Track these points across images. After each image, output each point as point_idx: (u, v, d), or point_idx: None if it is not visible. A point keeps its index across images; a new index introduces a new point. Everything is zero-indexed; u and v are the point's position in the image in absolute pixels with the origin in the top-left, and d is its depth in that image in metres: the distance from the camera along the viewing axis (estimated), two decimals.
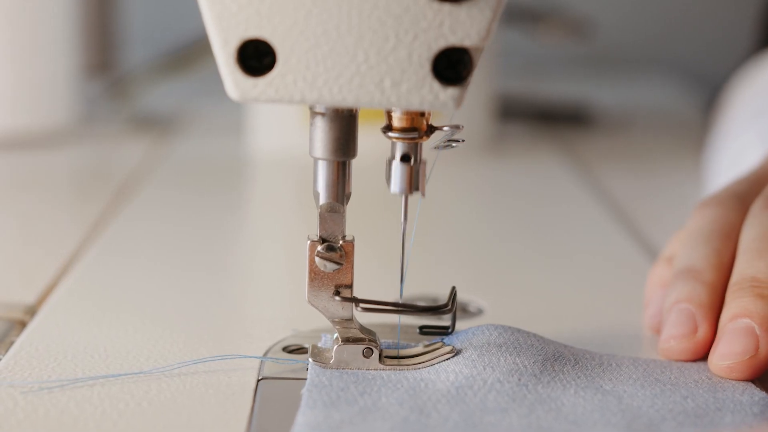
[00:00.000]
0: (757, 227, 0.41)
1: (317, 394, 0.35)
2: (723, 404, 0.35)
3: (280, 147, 0.73)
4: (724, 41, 1.15)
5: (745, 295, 0.38)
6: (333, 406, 0.34)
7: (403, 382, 0.36)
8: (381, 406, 0.34)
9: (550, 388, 0.35)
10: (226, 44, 0.33)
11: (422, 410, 0.34)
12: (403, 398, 0.35)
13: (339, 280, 0.37)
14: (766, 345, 0.37)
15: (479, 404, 0.34)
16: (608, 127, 0.88)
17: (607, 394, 0.35)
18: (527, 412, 0.34)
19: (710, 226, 0.43)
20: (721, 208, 0.43)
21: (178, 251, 0.54)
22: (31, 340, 0.40)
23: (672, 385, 0.36)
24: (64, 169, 0.73)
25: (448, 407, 0.34)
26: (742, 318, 0.37)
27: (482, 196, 0.71)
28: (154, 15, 1.15)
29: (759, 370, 0.37)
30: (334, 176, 0.36)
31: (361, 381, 0.36)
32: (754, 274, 0.39)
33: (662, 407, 0.35)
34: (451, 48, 0.33)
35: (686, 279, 0.41)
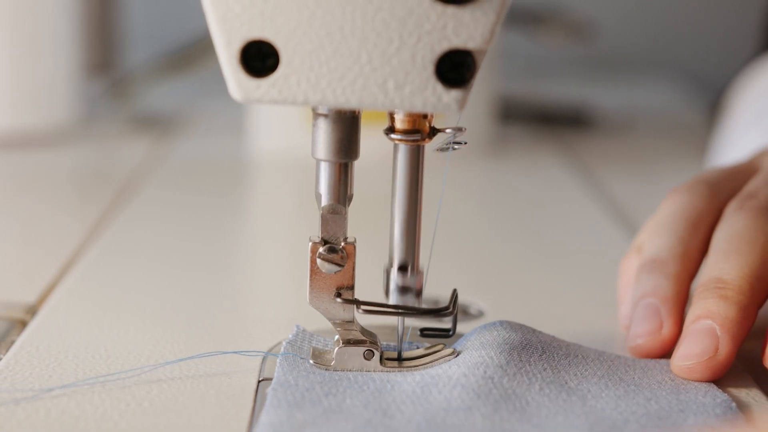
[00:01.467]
0: (728, 228, 0.40)
1: (282, 394, 0.34)
2: (686, 406, 0.35)
3: (282, 147, 0.73)
4: (725, 44, 1.16)
5: (709, 297, 0.38)
6: (297, 406, 0.34)
7: (370, 383, 0.36)
8: (345, 408, 0.34)
9: (515, 382, 0.35)
10: (230, 45, 0.33)
11: (386, 412, 0.34)
12: (368, 400, 0.34)
13: (340, 281, 0.37)
14: (726, 346, 0.37)
15: (443, 403, 0.34)
16: (609, 129, 0.88)
17: (571, 393, 0.35)
18: (491, 411, 0.34)
19: (676, 214, 0.43)
20: (689, 195, 0.43)
21: (179, 251, 0.54)
22: (31, 339, 0.40)
23: (636, 386, 0.36)
24: (65, 168, 0.73)
25: (412, 408, 0.34)
26: (704, 319, 0.38)
27: (483, 197, 0.71)
28: (155, 14, 1.15)
29: (718, 371, 0.37)
30: (336, 178, 0.36)
31: (328, 381, 0.36)
32: (719, 276, 0.39)
33: (625, 409, 0.35)
34: (454, 50, 0.33)
35: (650, 271, 0.41)
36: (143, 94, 0.89)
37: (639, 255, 0.44)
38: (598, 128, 0.88)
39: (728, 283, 0.38)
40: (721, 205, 0.43)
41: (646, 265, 0.41)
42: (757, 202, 0.41)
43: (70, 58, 0.79)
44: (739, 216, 0.40)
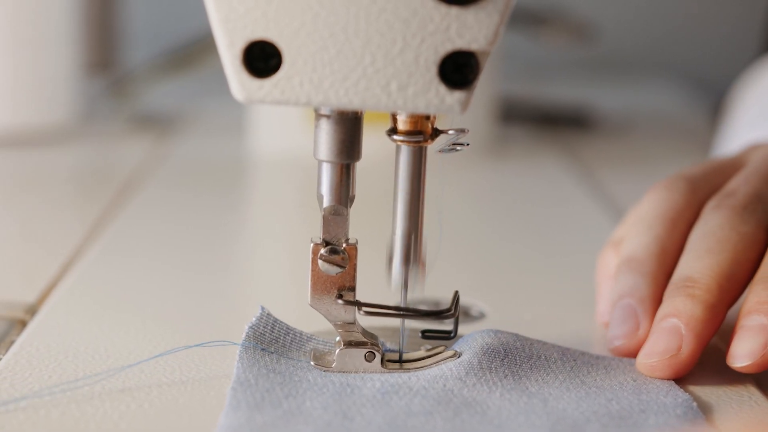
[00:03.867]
0: (703, 226, 0.40)
1: (242, 395, 0.34)
2: (647, 406, 0.35)
3: (283, 147, 0.73)
4: (727, 46, 1.15)
5: (678, 295, 0.38)
6: (257, 408, 0.33)
7: (329, 386, 0.35)
8: (305, 410, 0.34)
9: (476, 391, 0.35)
10: (232, 45, 0.33)
11: (346, 414, 0.33)
12: (327, 402, 0.34)
13: (342, 283, 0.37)
14: (689, 345, 0.37)
15: (404, 408, 0.34)
16: (610, 130, 0.88)
17: (532, 396, 0.35)
18: (452, 415, 0.34)
19: (654, 211, 0.43)
20: (668, 191, 0.43)
21: (179, 251, 0.54)
22: (31, 339, 0.40)
23: (597, 387, 0.36)
24: (65, 167, 0.73)
25: (372, 411, 0.34)
26: (670, 318, 0.38)
27: (484, 198, 0.70)
28: (156, 13, 1.15)
29: (681, 369, 0.37)
30: (338, 179, 0.36)
31: (288, 383, 0.35)
32: (689, 274, 0.39)
33: (587, 409, 0.35)
34: (458, 51, 0.33)
35: (628, 271, 0.41)
36: (144, 93, 0.89)
37: (616, 249, 0.44)
38: (599, 130, 0.88)
39: (697, 281, 0.38)
40: (701, 201, 0.43)
41: (623, 264, 0.42)
42: (735, 201, 0.41)
43: (71, 56, 0.79)
44: (715, 214, 0.40)
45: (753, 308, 0.37)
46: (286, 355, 0.37)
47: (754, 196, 0.41)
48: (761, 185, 0.41)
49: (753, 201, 0.40)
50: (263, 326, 0.38)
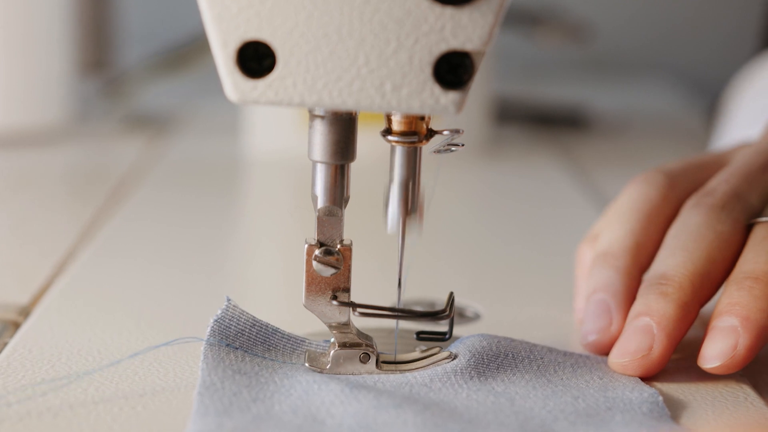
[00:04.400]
0: (681, 224, 0.40)
1: (209, 399, 0.34)
2: (613, 403, 0.35)
3: (277, 148, 0.73)
4: (723, 46, 1.15)
5: (651, 293, 0.38)
6: (225, 413, 0.33)
7: (296, 386, 0.35)
8: (274, 414, 0.33)
9: (441, 394, 0.35)
10: (226, 46, 0.33)
11: (315, 417, 0.33)
12: (296, 405, 0.34)
13: (336, 284, 0.37)
14: (660, 345, 0.37)
15: (373, 402, 0.34)
16: (605, 130, 0.88)
17: (499, 396, 0.35)
18: (422, 408, 0.34)
19: (630, 205, 0.43)
20: (645, 185, 0.43)
21: (173, 252, 0.54)
22: (24, 341, 0.40)
23: (563, 386, 0.36)
24: (58, 168, 0.73)
25: (341, 409, 0.33)
26: (642, 316, 0.38)
27: (479, 199, 0.70)
28: (150, 13, 1.15)
29: (652, 369, 0.37)
30: (332, 180, 0.36)
31: (254, 385, 0.35)
32: (663, 271, 0.39)
33: (554, 408, 0.34)
34: (452, 52, 0.33)
35: (601, 265, 0.41)
36: (138, 94, 0.89)
37: (592, 244, 0.44)
38: (595, 130, 0.88)
39: (670, 279, 0.38)
40: (680, 196, 0.43)
41: (598, 259, 0.42)
42: (713, 200, 0.40)
43: (64, 56, 0.78)
44: (693, 213, 0.40)
45: (725, 309, 0.37)
46: (251, 351, 0.37)
47: (733, 195, 0.41)
48: (741, 185, 0.41)
49: (731, 200, 0.40)
50: (229, 319, 0.37)
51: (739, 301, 0.37)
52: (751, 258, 0.38)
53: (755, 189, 0.41)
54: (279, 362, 0.37)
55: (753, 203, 0.41)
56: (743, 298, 0.37)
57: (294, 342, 0.38)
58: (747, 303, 0.37)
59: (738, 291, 0.37)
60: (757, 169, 0.42)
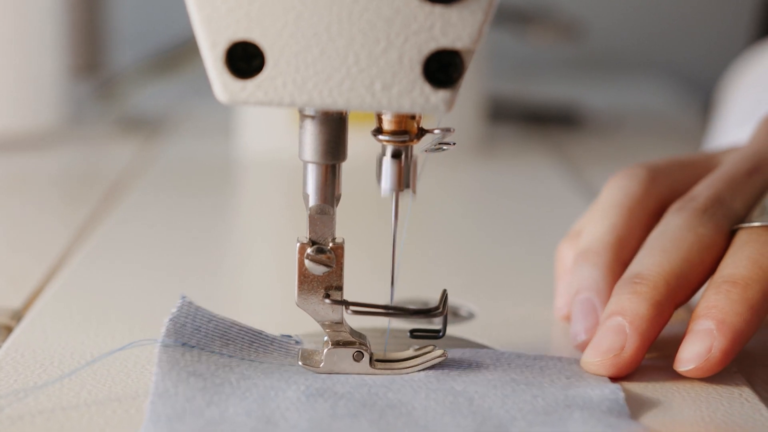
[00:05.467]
0: (662, 227, 0.40)
1: (162, 407, 0.33)
2: (572, 401, 0.35)
3: (269, 148, 0.73)
4: (716, 43, 1.16)
5: (624, 292, 0.38)
6: (178, 419, 0.33)
7: (253, 390, 0.35)
8: (228, 418, 0.33)
9: (401, 394, 0.35)
10: (215, 46, 0.33)
11: (269, 419, 0.33)
12: (251, 408, 0.33)
13: (329, 282, 0.37)
14: (632, 344, 0.37)
15: (329, 410, 0.33)
16: (599, 128, 0.88)
17: (458, 395, 0.35)
18: (377, 417, 0.33)
19: (611, 200, 0.43)
20: (627, 180, 0.43)
21: (167, 254, 0.54)
22: (16, 345, 0.40)
23: (525, 384, 0.36)
24: (51, 171, 0.72)
25: (296, 414, 0.33)
26: (615, 316, 0.37)
27: (473, 198, 0.70)
28: (143, 16, 1.15)
29: (624, 368, 0.37)
30: (323, 179, 0.36)
31: (209, 389, 0.34)
32: (639, 271, 0.38)
33: (512, 407, 0.34)
34: (442, 50, 0.33)
35: (584, 263, 0.41)
36: (131, 96, 0.89)
37: (573, 242, 0.44)
38: (588, 128, 0.88)
39: (645, 278, 0.38)
40: (662, 192, 0.43)
41: (580, 256, 0.42)
42: (696, 204, 0.40)
43: (57, 59, 0.78)
44: (675, 216, 0.40)
45: (702, 313, 0.37)
46: (209, 347, 0.36)
47: (716, 200, 0.40)
48: (724, 190, 0.41)
49: (714, 205, 0.40)
50: (184, 317, 0.37)
51: (716, 305, 0.37)
52: (730, 262, 0.38)
53: (739, 195, 0.41)
54: (237, 359, 0.37)
55: (736, 209, 0.40)
56: (720, 301, 0.37)
57: (252, 334, 0.37)
58: (723, 306, 0.37)
59: (716, 294, 0.37)
60: (742, 174, 0.42)
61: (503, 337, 0.42)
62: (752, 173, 0.42)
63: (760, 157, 0.43)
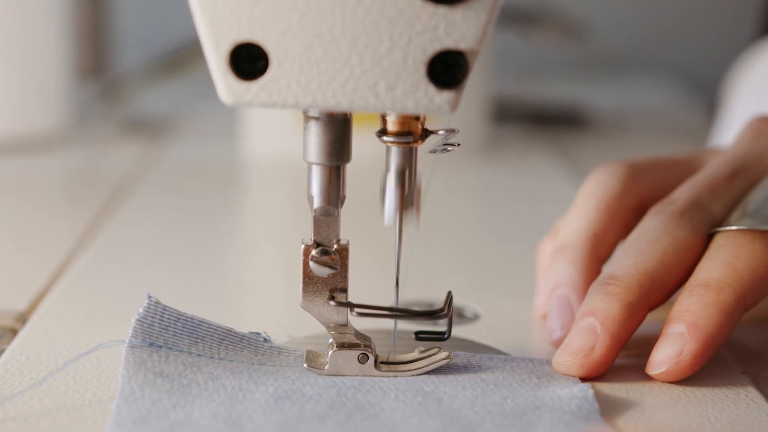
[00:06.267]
0: (640, 229, 0.40)
1: (127, 410, 0.33)
2: (542, 402, 0.35)
3: (274, 150, 0.73)
4: (720, 43, 1.15)
5: (597, 293, 0.38)
6: (142, 421, 0.32)
7: (221, 391, 0.34)
8: (193, 420, 0.33)
9: (370, 395, 0.35)
10: (219, 48, 0.33)
11: (235, 421, 0.33)
12: (217, 410, 0.33)
13: (334, 284, 0.37)
14: (603, 344, 0.37)
15: (296, 413, 0.33)
16: (603, 129, 0.88)
17: (427, 396, 0.35)
18: (344, 419, 0.33)
19: (590, 196, 0.43)
20: (606, 176, 0.43)
21: (171, 256, 0.54)
22: (21, 348, 0.40)
23: (495, 385, 0.36)
24: (56, 173, 0.72)
25: (263, 417, 0.33)
26: (587, 316, 0.37)
27: (477, 198, 0.70)
28: (147, 18, 1.15)
29: (594, 369, 0.37)
30: (328, 180, 0.36)
31: (176, 390, 0.34)
32: (613, 272, 0.38)
33: (481, 408, 0.34)
34: (446, 51, 0.33)
35: (560, 258, 0.41)
36: (135, 98, 0.89)
37: (553, 238, 0.44)
38: (592, 128, 0.87)
39: (618, 279, 0.38)
40: (642, 190, 0.43)
41: (557, 252, 0.42)
42: (674, 207, 0.40)
43: (61, 61, 0.78)
44: (653, 219, 0.40)
45: (675, 316, 0.37)
46: (177, 347, 0.36)
47: (695, 203, 0.40)
48: (703, 194, 0.41)
49: (692, 208, 0.40)
50: (152, 316, 0.37)
51: (688, 308, 0.37)
52: (705, 266, 0.38)
53: (718, 198, 0.41)
54: (206, 357, 0.36)
55: (715, 212, 0.40)
56: (693, 305, 0.37)
57: (222, 332, 0.37)
58: (696, 310, 0.36)
59: (689, 298, 0.37)
60: (723, 178, 0.42)
61: (508, 339, 0.42)
62: (733, 177, 0.42)
63: (742, 161, 0.43)
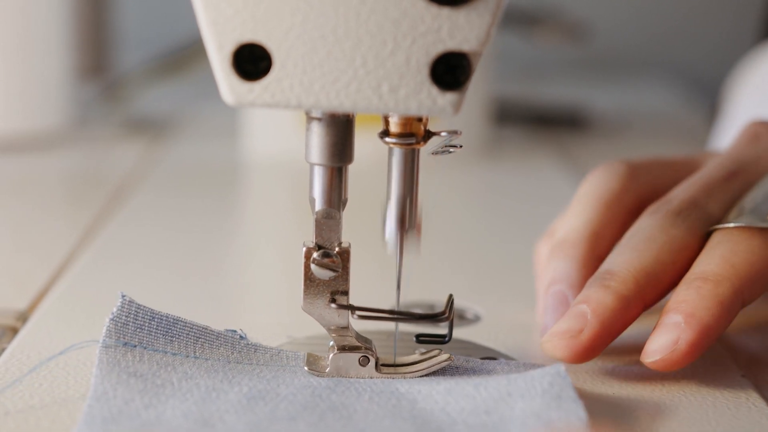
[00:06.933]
0: (636, 227, 0.40)
1: (98, 410, 0.33)
2: (514, 387, 0.34)
3: (276, 151, 0.73)
4: (722, 45, 1.15)
5: (592, 286, 0.38)
6: (113, 421, 0.32)
7: (194, 391, 0.34)
8: (164, 420, 0.32)
9: (344, 396, 0.35)
10: (222, 48, 0.33)
11: (207, 421, 0.32)
12: (189, 410, 0.33)
13: (335, 287, 0.37)
14: (591, 329, 0.37)
15: (268, 414, 0.33)
16: (605, 130, 0.87)
17: (401, 398, 0.35)
18: (317, 420, 0.33)
19: (588, 194, 0.43)
20: (605, 174, 0.43)
21: (172, 256, 0.54)
22: (22, 347, 0.40)
23: (468, 375, 0.36)
24: (57, 172, 0.72)
25: (235, 417, 0.33)
26: (580, 304, 0.37)
27: (479, 200, 0.70)
28: (148, 17, 1.15)
29: (580, 352, 0.37)
30: (330, 182, 0.36)
31: (149, 390, 0.34)
32: (609, 268, 0.39)
33: (453, 409, 0.34)
34: (449, 53, 0.33)
35: (558, 255, 0.41)
36: (136, 98, 0.89)
37: (550, 238, 0.44)
38: (594, 130, 0.87)
39: (614, 274, 0.38)
40: (641, 189, 0.43)
41: (555, 248, 0.42)
42: (671, 206, 0.40)
43: (63, 61, 0.78)
44: (649, 218, 0.40)
45: (671, 307, 0.37)
46: (152, 346, 0.36)
47: (691, 203, 0.40)
48: (700, 193, 0.41)
49: (689, 207, 0.40)
50: (126, 316, 0.36)
51: (685, 299, 0.37)
52: (703, 260, 0.38)
53: (714, 198, 0.41)
54: (181, 356, 0.36)
55: (711, 212, 0.40)
56: (690, 296, 0.37)
57: (197, 330, 0.37)
58: (693, 301, 0.37)
59: (686, 290, 0.37)
60: (720, 179, 0.42)
61: (509, 341, 0.42)
62: (729, 178, 0.42)
63: (739, 163, 0.43)
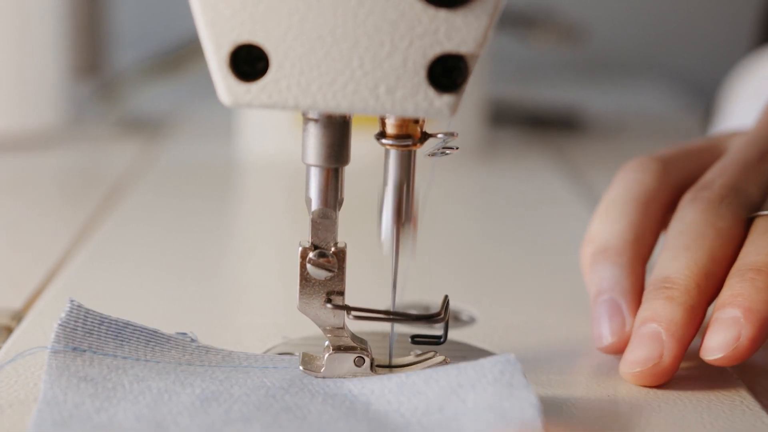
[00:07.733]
0: (680, 222, 0.40)
1: (48, 413, 0.32)
2: (464, 375, 0.34)
3: (272, 151, 0.73)
4: (717, 47, 1.16)
5: (656, 298, 0.37)
6: (64, 424, 0.32)
7: (146, 393, 0.34)
8: (116, 423, 0.32)
9: (298, 397, 0.35)
10: (219, 49, 0.33)
11: (160, 424, 0.32)
12: (142, 412, 0.33)
13: (331, 287, 0.37)
14: (670, 352, 0.37)
15: (222, 415, 0.33)
16: (600, 132, 0.88)
17: (355, 400, 0.35)
18: (271, 421, 0.33)
19: (626, 195, 0.42)
20: (639, 173, 0.42)
21: (167, 256, 0.54)
22: (17, 346, 0.40)
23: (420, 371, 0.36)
24: (52, 172, 0.72)
25: (188, 419, 0.33)
26: (650, 323, 0.37)
27: (474, 201, 0.70)
28: (144, 17, 1.14)
29: (663, 377, 0.37)
30: (326, 183, 0.36)
31: (100, 394, 0.34)
32: (668, 275, 0.38)
33: (408, 405, 0.34)
34: (446, 54, 0.33)
35: (604, 262, 0.40)
36: (132, 97, 0.88)
37: (592, 243, 0.43)
38: (590, 132, 0.88)
39: (675, 282, 0.38)
40: (675, 183, 0.42)
41: (599, 254, 0.41)
42: (711, 194, 0.40)
43: (58, 60, 0.78)
44: (691, 209, 0.40)
45: (727, 301, 0.37)
46: (102, 350, 0.36)
47: (731, 188, 0.40)
48: (738, 177, 0.40)
49: (729, 194, 0.40)
50: (74, 320, 0.36)
51: (741, 293, 0.36)
52: (752, 250, 0.38)
53: (753, 180, 0.40)
54: (132, 359, 0.36)
55: (751, 195, 0.40)
56: (745, 289, 0.36)
57: (148, 333, 0.37)
58: (749, 294, 0.36)
59: (740, 283, 0.37)
60: (754, 159, 0.41)
61: (504, 342, 0.42)
62: (764, 158, 0.41)
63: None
